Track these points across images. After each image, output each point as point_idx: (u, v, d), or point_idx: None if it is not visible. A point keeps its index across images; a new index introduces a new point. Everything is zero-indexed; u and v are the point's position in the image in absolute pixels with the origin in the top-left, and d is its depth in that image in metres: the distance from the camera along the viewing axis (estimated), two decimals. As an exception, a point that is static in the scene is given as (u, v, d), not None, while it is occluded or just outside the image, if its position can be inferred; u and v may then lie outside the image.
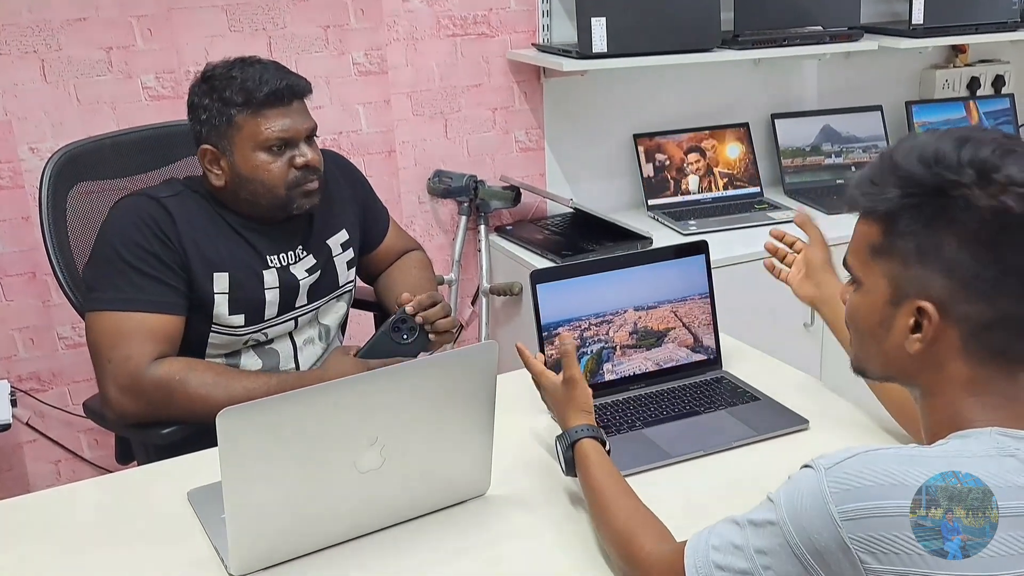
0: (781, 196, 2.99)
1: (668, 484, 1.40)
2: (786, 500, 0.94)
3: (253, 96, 1.62)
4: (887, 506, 0.87)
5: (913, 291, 0.96)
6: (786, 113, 3.09)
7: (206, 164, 1.67)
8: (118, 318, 1.61)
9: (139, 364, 1.59)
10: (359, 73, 2.55)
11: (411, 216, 2.73)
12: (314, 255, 1.80)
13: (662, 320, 1.69)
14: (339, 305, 1.89)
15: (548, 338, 1.61)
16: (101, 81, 2.30)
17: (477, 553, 1.26)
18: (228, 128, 1.64)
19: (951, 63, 3.35)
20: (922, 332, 0.96)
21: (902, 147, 0.98)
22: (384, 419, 1.21)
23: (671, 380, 1.69)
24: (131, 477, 1.51)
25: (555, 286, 1.62)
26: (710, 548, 1.00)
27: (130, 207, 1.67)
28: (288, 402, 1.14)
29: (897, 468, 0.89)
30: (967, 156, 0.93)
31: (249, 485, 1.15)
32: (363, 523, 1.28)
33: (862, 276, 1.02)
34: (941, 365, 0.97)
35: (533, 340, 1.60)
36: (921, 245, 0.95)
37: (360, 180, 1.96)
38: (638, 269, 1.67)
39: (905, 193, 0.95)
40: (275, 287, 1.73)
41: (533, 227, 2.78)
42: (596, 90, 2.83)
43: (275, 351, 1.79)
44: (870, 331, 1.03)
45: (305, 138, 1.68)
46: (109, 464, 2.32)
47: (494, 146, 2.78)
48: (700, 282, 1.72)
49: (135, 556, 1.26)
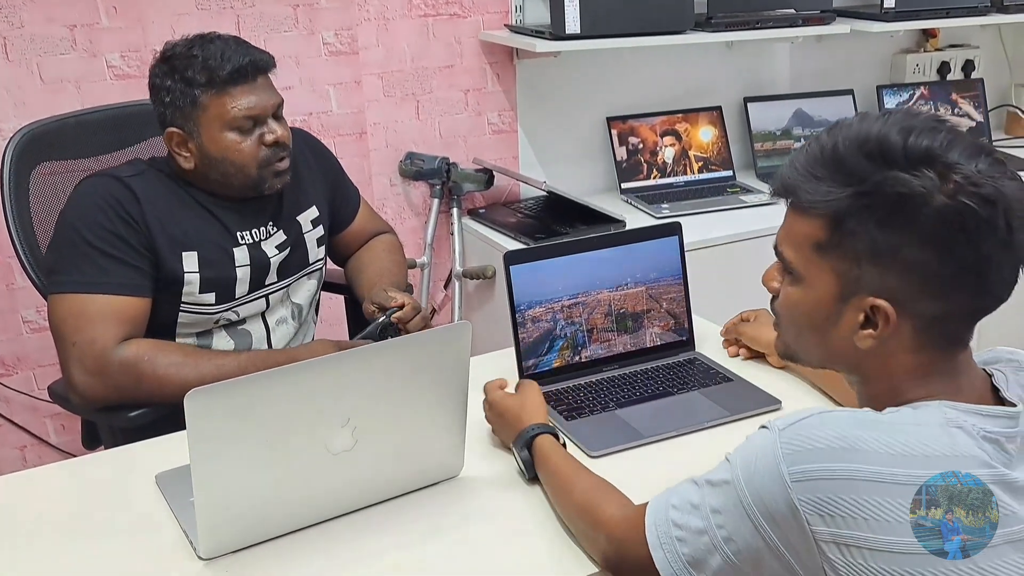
0: (753, 180, 2.99)
1: (641, 465, 1.40)
2: (741, 460, 0.95)
3: (216, 75, 1.58)
4: (837, 469, 0.88)
5: (865, 289, 0.94)
6: (758, 97, 3.09)
7: (173, 147, 1.64)
8: (82, 300, 1.58)
9: (105, 346, 1.56)
10: (329, 53, 2.52)
11: (383, 199, 2.70)
12: (284, 231, 1.77)
13: (636, 302, 1.68)
14: (310, 283, 1.87)
15: (522, 323, 1.60)
16: (65, 59, 2.26)
17: (450, 534, 1.25)
18: (193, 110, 1.60)
19: (922, 47, 3.37)
20: (876, 329, 0.95)
21: (842, 136, 0.94)
22: (356, 400, 1.19)
23: (644, 361, 1.68)
24: (98, 461, 1.48)
25: (529, 267, 1.60)
26: (669, 507, 1.02)
27: (93, 188, 1.63)
28: (257, 383, 1.11)
29: (850, 432, 0.90)
30: (916, 150, 0.90)
31: (218, 467, 1.13)
32: (335, 505, 1.26)
33: (804, 271, 0.98)
34: (889, 356, 0.97)
35: (507, 323, 1.59)
36: (875, 244, 0.92)
37: (330, 159, 1.94)
38: (612, 251, 1.66)
39: (856, 192, 0.92)
40: (246, 264, 1.71)
41: (506, 210, 2.77)
42: (569, 72, 2.81)
43: (247, 331, 1.77)
44: (812, 326, 1.01)
45: (272, 114, 1.66)
46: (76, 449, 2.28)
47: (467, 128, 2.75)
48: (674, 264, 1.71)
49: (102, 541, 1.24)
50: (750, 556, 0.94)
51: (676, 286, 1.71)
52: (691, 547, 0.99)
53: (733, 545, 0.95)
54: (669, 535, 1.01)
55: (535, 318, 1.61)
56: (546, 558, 1.20)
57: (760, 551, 0.93)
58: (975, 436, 0.91)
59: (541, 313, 1.61)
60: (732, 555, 0.95)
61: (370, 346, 1.21)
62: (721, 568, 0.97)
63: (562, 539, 1.23)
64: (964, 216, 0.89)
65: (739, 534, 0.94)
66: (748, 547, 0.94)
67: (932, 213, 0.89)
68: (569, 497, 1.21)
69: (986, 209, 0.89)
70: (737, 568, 0.96)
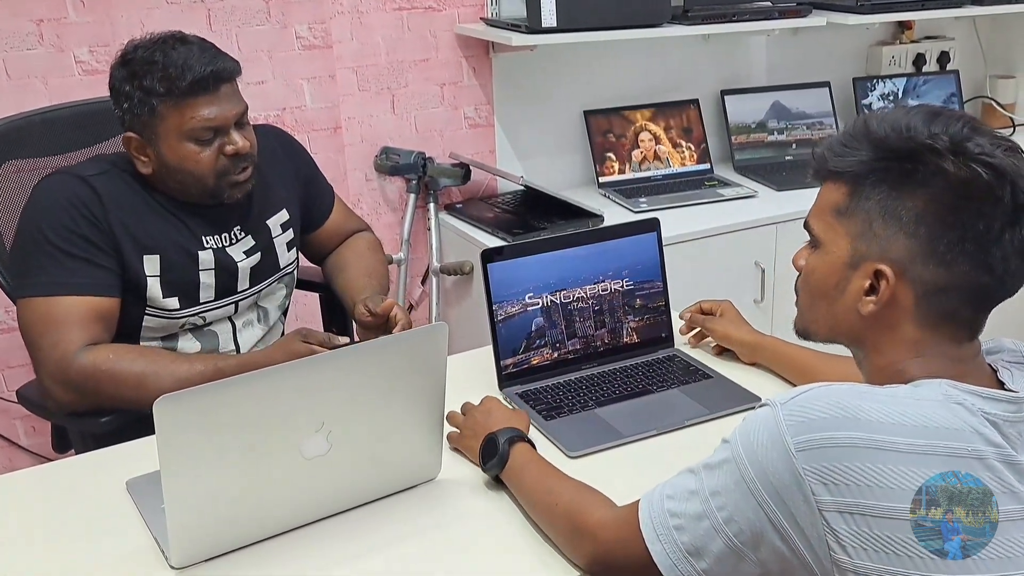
0: (731, 173, 2.98)
1: (621, 465, 1.39)
2: (742, 438, 0.96)
3: (176, 85, 1.52)
4: (840, 437, 0.89)
5: (873, 253, 0.98)
6: (735, 89, 3.08)
7: (132, 151, 1.60)
8: (48, 303, 1.54)
9: (66, 352, 1.52)
10: (303, 47, 2.49)
11: (358, 194, 2.67)
12: (253, 236, 1.74)
13: (614, 298, 1.67)
14: (279, 288, 1.84)
15: (500, 320, 1.58)
16: (32, 55, 2.21)
17: (428, 537, 1.23)
18: (151, 118, 1.55)
19: (897, 39, 3.37)
20: (877, 294, 0.99)
21: (875, 116, 1.00)
22: (330, 404, 1.17)
23: (623, 359, 1.67)
24: (67, 467, 1.45)
25: (506, 265, 1.59)
26: (664, 498, 1.02)
27: (54, 187, 1.59)
28: (229, 388, 1.09)
29: (850, 402, 0.91)
30: (938, 128, 0.95)
31: (189, 474, 1.11)
32: (309, 511, 1.24)
33: (823, 237, 1.04)
34: (891, 327, 1.00)
35: (485, 319, 1.57)
36: (886, 207, 0.97)
37: (303, 156, 1.90)
38: (590, 248, 1.65)
39: (877, 156, 0.97)
40: (211, 268, 1.67)
41: (483, 205, 2.74)
42: (546, 66, 2.79)
43: (214, 333, 1.74)
44: (823, 292, 1.04)
45: (236, 123, 1.60)
46: (47, 451, 2.24)
47: (443, 122, 2.73)
48: (652, 260, 1.70)
49: (71, 548, 1.22)
50: (752, 536, 0.94)
51: (655, 282, 1.70)
52: (690, 534, 0.98)
53: (734, 526, 0.95)
54: (666, 525, 1.00)
55: (513, 315, 1.59)
56: (526, 562, 1.19)
57: (762, 529, 0.93)
58: (976, 414, 0.92)
59: (519, 311, 1.60)
60: (733, 536, 0.95)
61: (344, 349, 1.19)
62: (722, 552, 0.96)
63: (542, 543, 1.21)
64: (971, 183, 0.93)
65: (740, 513, 0.94)
66: (750, 526, 0.94)
67: (941, 176, 0.94)
68: (548, 505, 1.19)
69: (994, 178, 0.92)
70: (738, 550, 0.95)
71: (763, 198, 2.77)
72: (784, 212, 2.65)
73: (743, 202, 2.73)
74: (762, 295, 2.64)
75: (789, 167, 3.03)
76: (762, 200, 2.75)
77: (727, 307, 1.69)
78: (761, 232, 2.62)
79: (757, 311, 2.63)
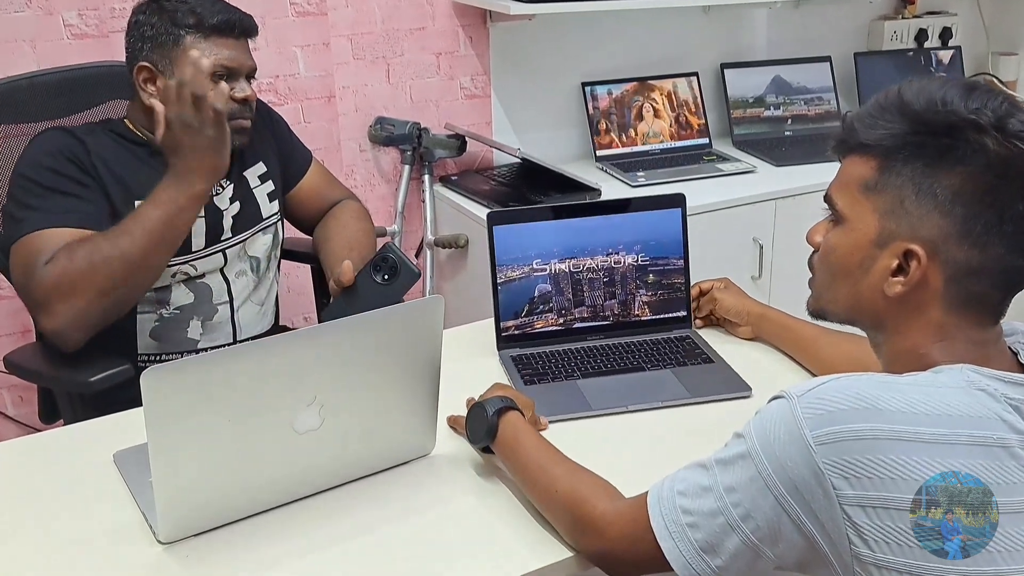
0: (730, 147, 2.95)
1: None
2: (757, 431, 0.92)
3: (205, 20, 1.62)
4: (861, 429, 0.86)
5: (903, 232, 0.95)
6: (735, 63, 3.04)
7: (140, 83, 1.64)
8: (38, 237, 1.54)
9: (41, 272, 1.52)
10: (297, 14, 2.44)
11: (351, 165, 2.63)
12: (234, 186, 1.76)
13: (627, 271, 1.63)
14: (265, 238, 1.83)
15: (502, 282, 1.56)
16: (19, 18, 2.16)
17: (421, 514, 1.21)
18: (174, 48, 1.61)
19: (899, 14, 3.33)
20: (906, 275, 0.95)
21: (909, 87, 0.96)
22: (323, 377, 1.14)
23: (634, 334, 1.63)
24: (54, 438, 1.42)
25: (513, 229, 1.58)
26: (675, 494, 0.98)
27: (42, 140, 1.64)
28: (218, 359, 1.07)
29: (870, 392, 0.88)
30: (975, 104, 0.91)
31: (177, 447, 1.08)
32: (301, 486, 1.22)
33: (848, 212, 1.00)
34: (917, 309, 0.96)
35: (480, 293, 1.54)
36: (920, 184, 0.93)
37: (277, 119, 1.94)
38: (603, 218, 1.62)
39: (912, 130, 0.94)
40: (201, 216, 1.67)
41: (479, 177, 2.71)
42: (544, 36, 2.74)
43: (207, 285, 1.74)
44: (846, 271, 1.01)
45: (246, 75, 1.69)
46: (34, 421, 2.21)
47: (438, 92, 2.68)
48: (674, 237, 1.64)
49: (57, 522, 1.19)
50: (769, 532, 0.91)
51: (672, 259, 1.65)
52: (704, 531, 0.95)
53: (751, 522, 0.92)
54: (678, 522, 0.97)
55: (514, 279, 1.58)
56: (521, 539, 1.16)
57: (780, 525, 0.90)
58: (1000, 400, 0.89)
59: (523, 274, 1.58)
60: (750, 533, 0.92)
61: (338, 321, 1.16)
62: (738, 549, 0.93)
63: (537, 520, 1.19)
64: (1011, 161, 0.90)
65: (758, 509, 0.91)
66: (768, 522, 0.91)
67: (981, 154, 0.90)
68: (548, 489, 1.15)
69: None
70: (755, 547, 0.93)
71: (762, 173, 2.74)
72: (783, 188, 2.61)
73: (742, 177, 2.70)
74: (760, 271, 2.61)
75: (789, 143, 2.99)
76: (761, 175, 2.72)
77: (726, 282, 1.66)
78: (759, 208, 2.59)
79: (755, 288, 2.60)
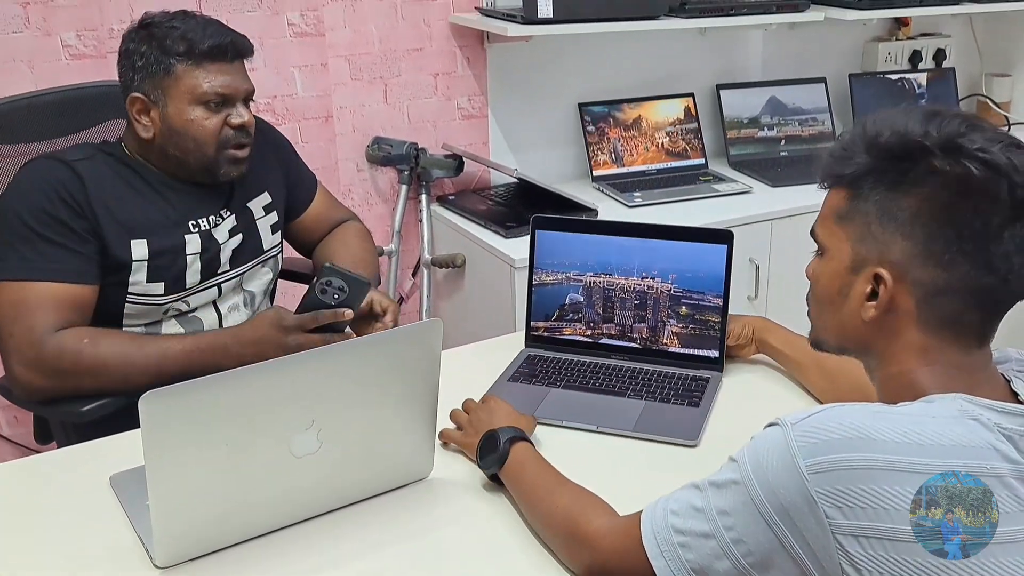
0: (726, 168, 2.96)
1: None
2: (751, 457, 0.92)
3: (196, 47, 1.56)
4: (855, 459, 0.86)
5: (872, 257, 0.97)
6: (731, 84, 3.06)
7: (135, 114, 1.60)
8: (21, 288, 1.51)
9: (41, 335, 1.49)
10: (295, 35, 2.45)
11: (349, 184, 2.64)
12: (236, 217, 1.72)
13: (659, 297, 1.60)
14: (264, 271, 1.81)
15: (537, 284, 1.62)
16: (17, 38, 2.16)
17: (419, 538, 1.21)
18: (165, 77, 1.57)
19: (893, 36, 3.35)
20: (877, 299, 0.96)
21: (872, 118, 0.98)
22: (321, 401, 1.14)
23: (661, 363, 1.59)
24: (48, 460, 1.42)
25: (554, 236, 1.64)
26: (668, 513, 0.99)
27: (36, 171, 1.57)
28: (217, 384, 1.06)
29: (864, 422, 0.88)
30: (934, 127, 0.93)
31: (175, 471, 1.07)
32: (298, 510, 1.21)
33: (827, 242, 1.02)
34: (895, 333, 0.97)
35: (477, 313, 1.54)
36: (883, 207, 0.95)
37: (284, 144, 1.90)
38: (643, 241, 1.60)
39: (873, 157, 0.96)
40: (197, 253, 1.65)
41: (476, 197, 2.71)
42: (541, 57, 2.76)
43: (198, 319, 1.71)
44: (828, 299, 1.03)
45: (243, 99, 1.64)
46: (29, 442, 2.20)
47: (436, 113, 2.69)
48: (715, 273, 1.56)
49: (52, 546, 1.18)
50: (761, 557, 0.91)
51: (713, 297, 1.57)
52: (696, 552, 0.95)
53: (743, 547, 0.92)
54: (670, 542, 0.97)
55: (548, 284, 1.62)
56: (520, 565, 1.16)
57: (772, 551, 0.90)
58: (992, 430, 0.89)
59: (557, 280, 1.62)
60: (741, 557, 0.92)
61: (336, 345, 1.16)
62: (728, 572, 0.93)
63: (536, 545, 1.18)
64: (965, 180, 0.91)
65: (750, 534, 0.91)
66: (760, 547, 0.91)
67: (936, 174, 0.92)
68: (547, 509, 1.17)
69: (989, 175, 0.90)
70: (745, 572, 0.93)
71: (758, 194, 2.74)
72: (779, 209, 2.62)
73: (738, 198, 2.71)
74: (756, 292, 2.62)
75: (784, 163, 3.00)
76: (757, 196, 2.73)
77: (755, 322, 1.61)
78: (755, 229, 2.59)
79: (751, 308, 2.61)
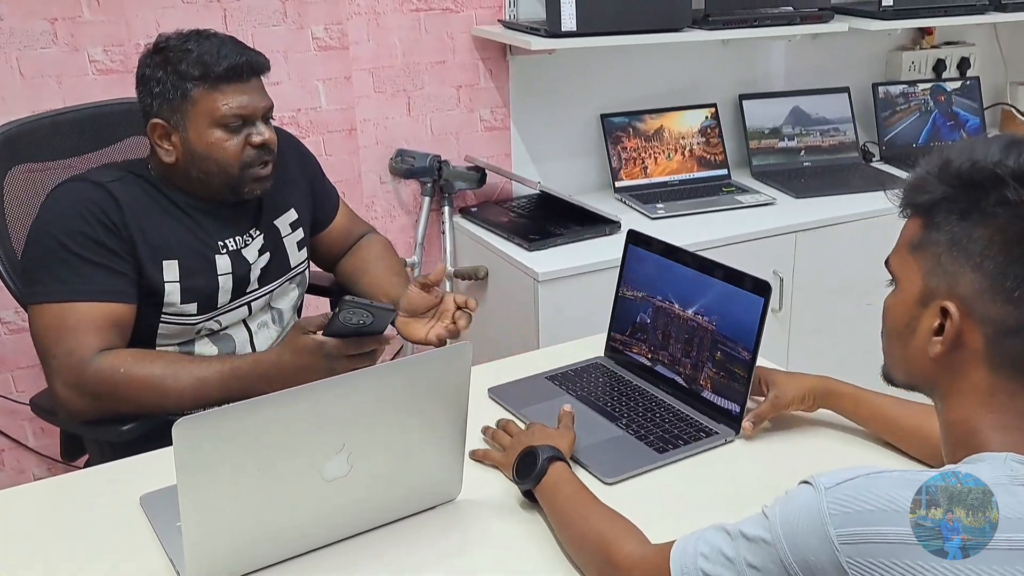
0: (748, 178, 2.94)
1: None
2: (782, 517, 0.91)
3: (211, 70, 1.54)
4: (888, 532, 0.84)
5: (941, 290, 0.94)
6: (754, 94, 3.05)
7: (156, 139, 1.59)
8: (62, 310, 1.52)
9: (83, 358, 1.50)
10: (319, 48, 2.45)
11: (372, 196, 2.64)
12: (264, 236, 1.73)
13: (703, 334, 1.54)
14: (291, 288, 1.82)
15: (622, 297, 1.67)
16: (46, 54, 2.18)
17: (448, 561, 1.21)
18: (183, 102, 1.55)
19: (917, 45, 3.33)
20: (944, 334, 0.93)
21: (952, 146, 0.96)
22: (351, 425, 1.14)
23: (690, 402, 1.55)
24: (79, 479, 1.42)
25: (643, 254, 1.66)
26: (699, 555, 0.97)
27: (71, 193, 1.57)
28: (248, 410, 1.06)
29: (899, 493, 0.85)
30: (1013, 156, 0.91)
31: (207, 494, 1.08)
32: (329, 532, 1.21)
33: (899, 273, 1.00)
34: (962, 372, 0.94)
35: (501, 327, 1.54)
36: (954, 238, 0.93)
37: (308, 157, 1.89)
38: (704, 277, 1.55)
39: (948, 186, 0.94)
40: (228, 273, 1.65)
41: (499, 209, 2.71)
42: (564, 69, 2.75)
43: (230, 337, 1.71)
44: (897, 332, 1.00)
45: (262, 117, 1.62)
46: (55, 453, 2.22)
47: (458, 125, 2.70)
48: (749, 324, 1.46)
49: (82, 566, 1.19)
50: None
51: (743, 350, 1.47)
52: None
53: None
54: None
55: (627, 298, 1.69)
56: (548, 588, 1.16)
57: None
58: None
59: (634, 298, 1.67)
60: None
61: (367, 370, 1.16)
62: None
63: (565, 567, 1.18)
64: None
65: None
66: None
67: (1008, 204, 0.89)
68: (581, 530, 1.17)
69: None
70: None
71: (781, 205, 2.73)
72: (803, 220, 2.61)
73: (761, 209, 2.69)
74: (780, 304, 2.60)
75: (807, 173, 2.99)
76: (781, 207, 2.71)
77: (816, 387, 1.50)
78: (780, 241, 2.58)
79: (775, 321, 2.59)
